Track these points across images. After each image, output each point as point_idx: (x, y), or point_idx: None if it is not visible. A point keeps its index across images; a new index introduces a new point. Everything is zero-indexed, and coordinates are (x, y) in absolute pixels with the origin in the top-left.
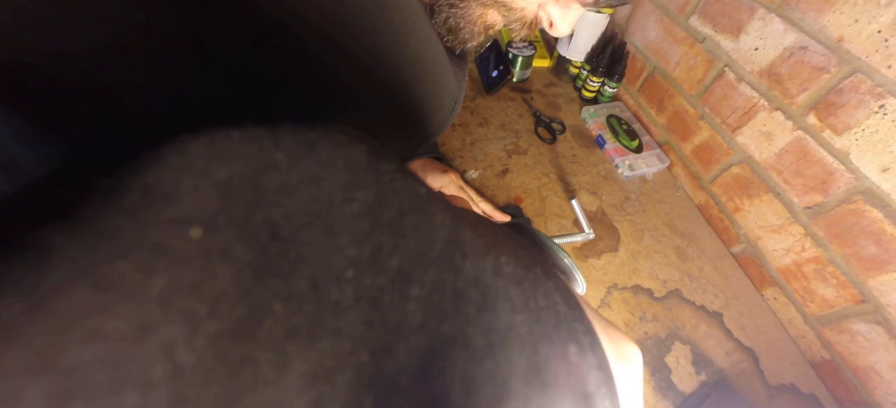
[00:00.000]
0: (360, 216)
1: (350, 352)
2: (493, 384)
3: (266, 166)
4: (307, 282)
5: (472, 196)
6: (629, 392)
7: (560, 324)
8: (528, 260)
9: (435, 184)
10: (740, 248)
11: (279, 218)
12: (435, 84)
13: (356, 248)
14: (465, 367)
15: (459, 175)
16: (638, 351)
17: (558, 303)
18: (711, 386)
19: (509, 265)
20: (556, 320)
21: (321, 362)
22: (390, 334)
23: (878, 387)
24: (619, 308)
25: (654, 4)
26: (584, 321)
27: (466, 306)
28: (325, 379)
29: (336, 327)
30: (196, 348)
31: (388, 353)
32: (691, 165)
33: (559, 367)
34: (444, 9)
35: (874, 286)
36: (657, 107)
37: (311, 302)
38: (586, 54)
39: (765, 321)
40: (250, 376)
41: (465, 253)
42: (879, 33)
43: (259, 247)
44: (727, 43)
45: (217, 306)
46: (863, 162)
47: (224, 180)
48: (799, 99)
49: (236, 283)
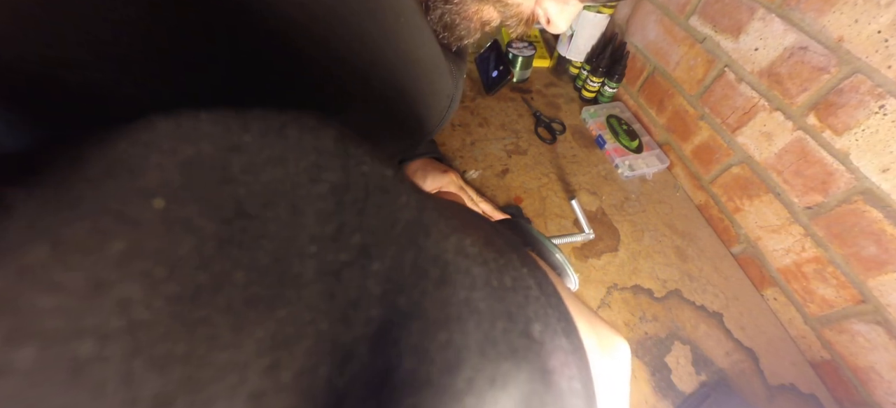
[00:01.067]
0: (326, 196)
1: (309, 321)
2: (445, 354)
3: (232, 147)
4: (270, 255)
5: (472, 196)
6: (611, 382)
7: (527, 305)
8: (504, 247)
9: (435, 184)
10: (740, 248)
11: (244, 195)
12: (430, 82)
13: (320, 225)
14: (420, 338)
15: (459, 175)
16: (625, 344)
17: (531, 287)
18: (711, 386)
19: (475, 247)
20: (524, 301)
21: (280, 330)
22: (349, 306)
23: (878, 387)
24: (619, 308)
25: (654, 4)
26: (558, 308)
27: (424, 281)
28: (283, 345)
29: (296, 298)
30: (153, 307)
31: (347, 323)
32: (691, 166)
33: (518, 342)
34: (440, 5)
35: (874, 286)
36: (657, 107)
37: (273, 274)
38: (586, 54)
39: (765, 321)
40: (207, 337)
41: (427, 232)
42: (879, 33)
43: (222, 221)
44: (727, 43)
45: (176, 270)
46: (863, 162)
47: (190, 158)
48: (799, 99)
49: (198, 251)
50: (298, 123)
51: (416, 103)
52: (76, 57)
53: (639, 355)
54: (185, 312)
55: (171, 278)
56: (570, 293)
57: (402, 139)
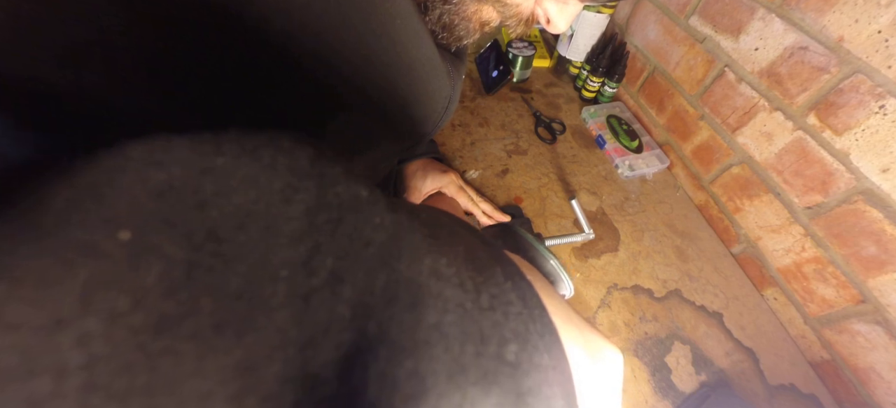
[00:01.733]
0: (299, 218)
1: (278, 346)
2: (410, 382)
3: (205, 170)
4: (241, 279)
5: (472, 196)
6: (600, 389)
7: (505, 323)
8: (486, 261)
9: (435, 184)
10: (740, 248)
11: (216, 218)
12: (426, 83)
13: (292, 248)
14: (387, 364)
15: (459, 175)
16: (615, 352)
17: (512, 303)
18: (711, 386)
19: (451, 266)
20: (503, 319)
21: (247, 356)
22: (319, 331)
23: (878, 387)
24: (619, 308)
25: (654, 4)
26: (541, 320)
27: (394, 306)
28: (250, 372)
29: (266, 323)
30: (114, 340)
31: (316, 348)
32: (691, 166)
33: (489, 365)
34: (438, 5)
35: (874, 286)
36: (657, 107)
37: (244, 298)
38: (586, 54)
39: (765, 321)
40: (170, 366)
41: (400, 255)
42: (879, 33)
43: (193, 247)
44: (727, 43)
45: (141, 301)
46: (863, 162)
47: (160, 183)
48: (799, 99)
49: (165, 279)
50: (273, 144)
51: (413, 105)
52: (63, 63)
53: (639, 355)
54: (149, 342)
55: (136, 309)
56: (559, 302)
57: (400, 140)
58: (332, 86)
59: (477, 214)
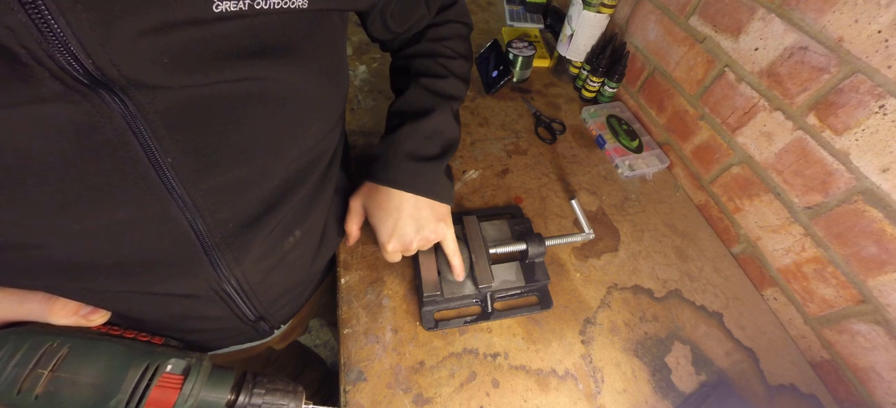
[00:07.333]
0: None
1: None
2: None
3: None
4: None
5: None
6: None
7: None
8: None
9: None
10: (740, 248)
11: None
12: None
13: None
14: None
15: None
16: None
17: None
18: (711, 386)
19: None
20: None
21: None
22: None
23: (878, 387)
24: (619, 308)
25: (654, 4)
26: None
27: None
28: None
29: None
30: None
31: None
32: (691, 165)
33: None
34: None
35: (874, 286)
36: (657, 107)
37: None
38: (586, 54)
39: (765, 321)
40: None
41: None
42: (879, 33)
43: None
44: (727, 43)
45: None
46: (863, 162)
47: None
48: (799, 99)
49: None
50: None
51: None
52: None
53: (639, 355)
54: None
55: None
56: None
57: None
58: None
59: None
